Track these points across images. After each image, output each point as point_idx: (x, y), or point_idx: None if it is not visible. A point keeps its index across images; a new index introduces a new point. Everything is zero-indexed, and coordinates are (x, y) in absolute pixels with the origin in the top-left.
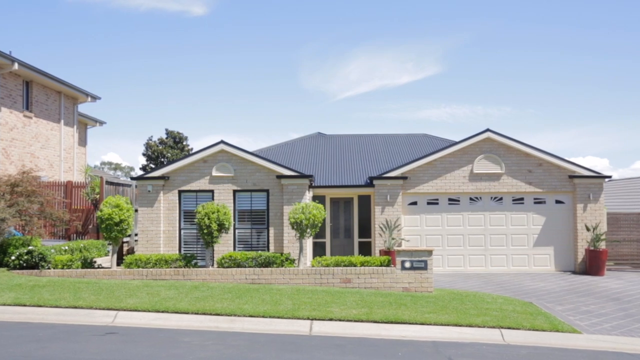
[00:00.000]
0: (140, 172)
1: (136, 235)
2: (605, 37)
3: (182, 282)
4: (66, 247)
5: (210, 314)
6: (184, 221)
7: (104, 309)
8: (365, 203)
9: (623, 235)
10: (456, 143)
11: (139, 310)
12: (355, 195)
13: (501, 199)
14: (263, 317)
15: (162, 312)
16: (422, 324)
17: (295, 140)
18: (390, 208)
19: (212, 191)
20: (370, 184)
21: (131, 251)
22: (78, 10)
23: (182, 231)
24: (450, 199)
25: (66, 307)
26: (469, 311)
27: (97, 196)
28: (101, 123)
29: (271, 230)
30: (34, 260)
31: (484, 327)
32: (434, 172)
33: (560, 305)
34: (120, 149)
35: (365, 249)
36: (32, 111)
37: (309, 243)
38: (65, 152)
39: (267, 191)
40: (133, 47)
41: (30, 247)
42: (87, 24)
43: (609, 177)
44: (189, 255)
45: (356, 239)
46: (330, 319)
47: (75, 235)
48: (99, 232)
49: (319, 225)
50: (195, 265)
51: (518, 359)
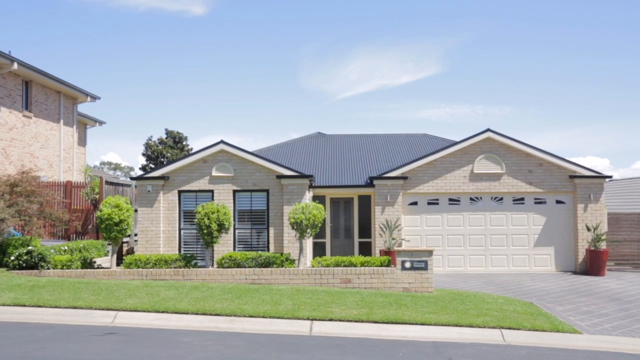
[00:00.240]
0: (140, 172)
1: (136, 235)
2: (605, 37)
3: (182, 283)
4: (66, 247)
5: (210, 314)
6: (184, 221)
7: (103, 309)
8: (365, 203)
9: (624, 236)
10: (456, 143)
11: (138, 311)
12: (356, 195)
13: (501, 199)
14: (263, 317)
15: (162, 312)
16: (423, 324)
17: (295, 140)
18: (391, 208)
19: (212, 191)
20: (370, 184)
21: (131, 251)
22: (78, 9)
23: (182, 231)
24: (450, 199)
25: (66, 308)
26: (470, 311)
27: (97, 196)
28: (101, 123)
29: (271, 231)
30: (33, 260)
31: (484, 327)
32: (434, 172)
33: (560, 306)
34: (119, 149)
35: (366, 249)
36: (32, 111)
37: (309, 243)
38: (65, 152)
39: (267, 191)
40: (133, 47)
41: (29, 247)
42: (86, 23)
43: (610, 177)
44: (188, 255)
45: (356, 239)
46: (331, 319)
47: (74, 235)
48: (98, 232)
49: (319, 225)
50: (195, 266)
51: None
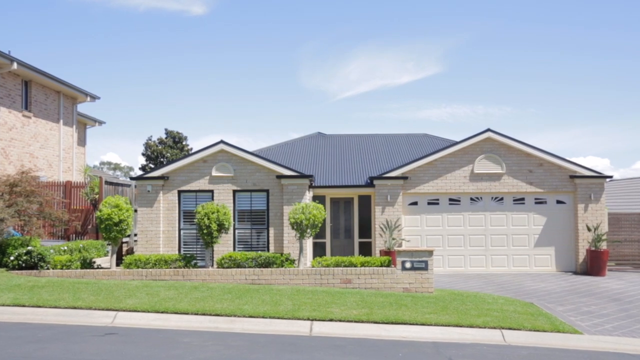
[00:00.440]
0: (140, 172)
1: (135, 235)
2: (605, 37)
3: (182, 283)
4: (65, 248)
5: (210, 315)
6: (184, 221)
7: (103, 309)
8: (365, 203)
9: (624, 236)
10: (457, 143)
11: (138, 311)
12: (356, 195)
13: (502, 199)
14: (263, 317)
15: (162, 312)
16: (423, 324)
17: (295, 140)
18: (391, 208)
19: (211, 191)
20: (370, 184)
21: (130, 251)
22: (77, 9)
23: (182, 231)
24: (450, 199)
25: (65, 308)
26: (470, 312)
27: (97, 196)
28: (100, 123)
29: (271, 231)
30: (33, 260)
31: (484, 327)
32: (435, 172)
33: (561, 306)
34: (119, 149)
35: (366, 249)
36: (31, 111)
37: (309, 243)
38: (65, 152)
39: (267, 191)
40: (132, 47)
41: (29, 248)
42: (86, 23)
43: (610, 177)
44: (188, 255)
45: (356, 239)
46: (331, 320)
47: (74, 235)
48: (98, 232)
49: (319, 225)
50: (195, 266)
51: None
